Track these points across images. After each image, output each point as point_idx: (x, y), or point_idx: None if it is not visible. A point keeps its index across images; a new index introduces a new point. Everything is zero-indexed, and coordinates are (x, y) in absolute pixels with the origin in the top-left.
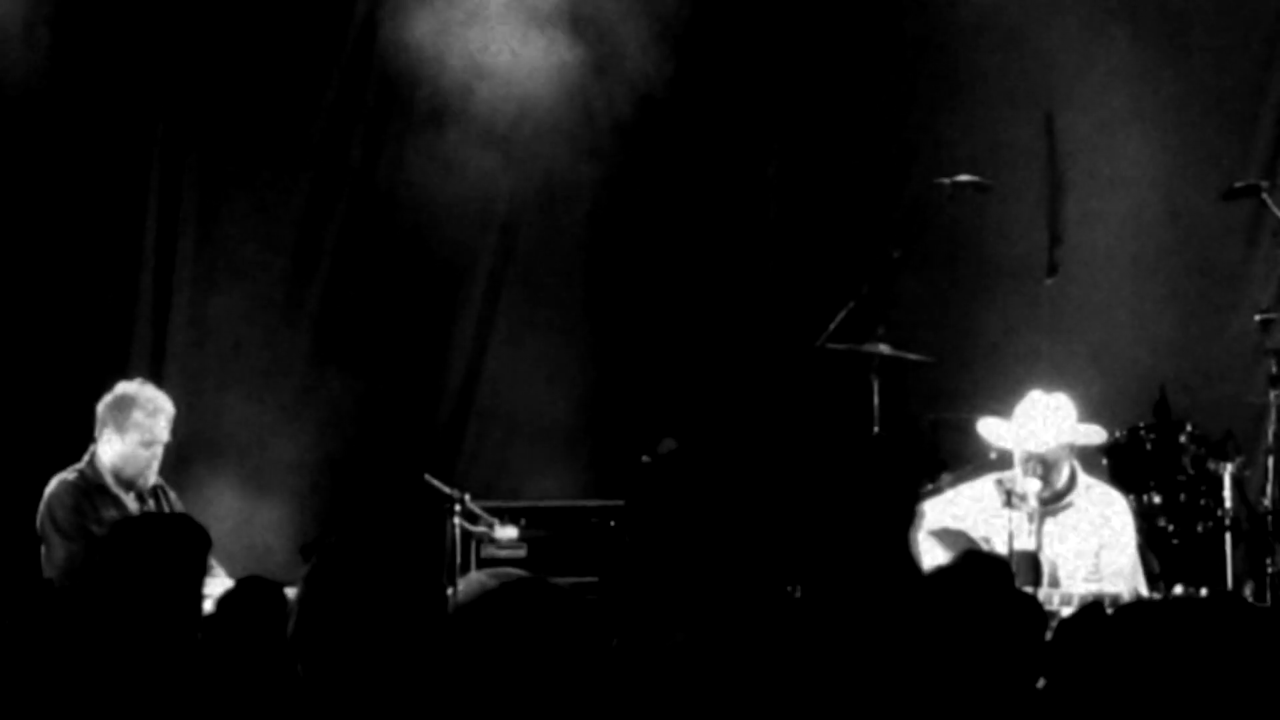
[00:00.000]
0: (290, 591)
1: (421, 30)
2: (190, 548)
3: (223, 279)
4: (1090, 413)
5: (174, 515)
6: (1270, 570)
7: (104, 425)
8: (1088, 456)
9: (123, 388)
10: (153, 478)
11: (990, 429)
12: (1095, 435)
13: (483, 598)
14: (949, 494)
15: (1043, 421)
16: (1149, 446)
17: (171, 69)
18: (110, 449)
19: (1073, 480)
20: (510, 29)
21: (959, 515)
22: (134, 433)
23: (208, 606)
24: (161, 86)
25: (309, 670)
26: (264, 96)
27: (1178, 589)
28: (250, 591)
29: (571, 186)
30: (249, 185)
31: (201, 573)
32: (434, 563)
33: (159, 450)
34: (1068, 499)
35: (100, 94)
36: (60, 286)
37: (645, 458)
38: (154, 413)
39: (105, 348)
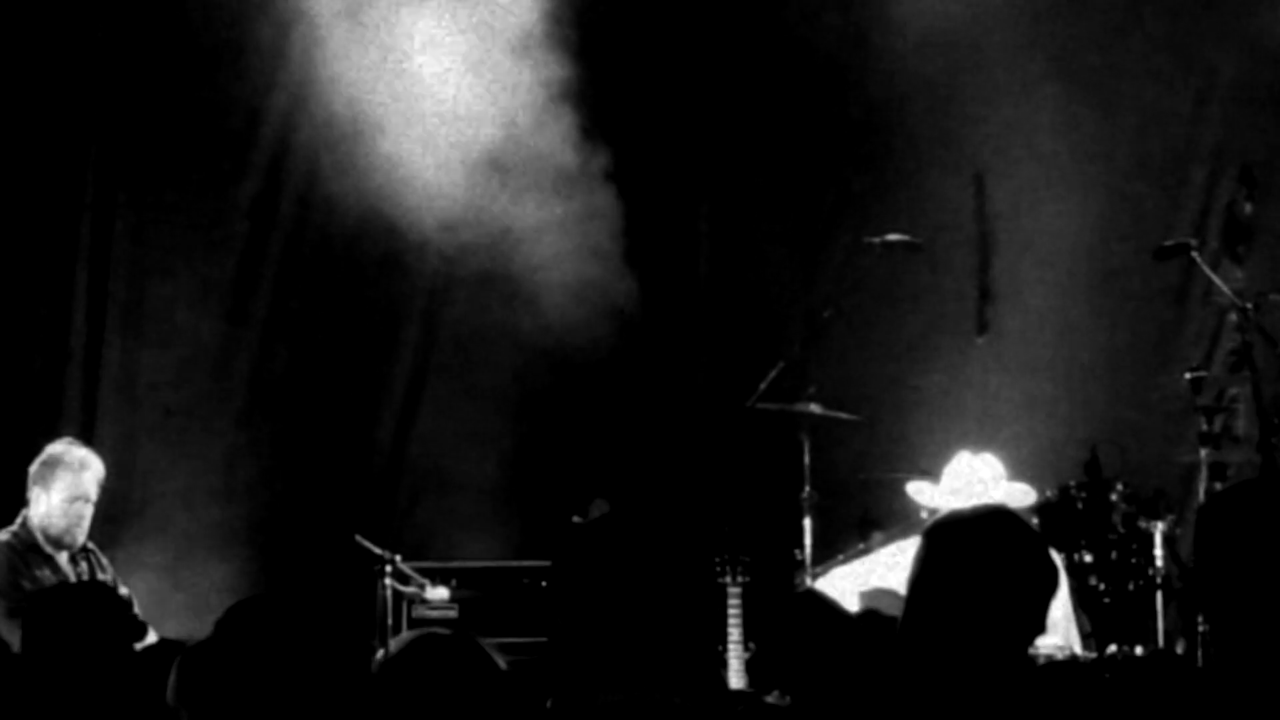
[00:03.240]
0: None
1: (349, 94)
2: (107, 615)
3: (153, 340)
4: (1021, 471)
5: (90, 583)
6: (1201, 629)
7: (34, 485)
8: (1018, 515)
9: (51, 448)
10: (82, 536)
11: (919, 491)
12: (1025, 495)
13: (409, 655)
14: (880, 553)
15: (972, 482)
16: (1080, 505)
17: (101, 126)
18: (39, 508)
19: None
20: (444, 89)
21: (890, 574)
22: (61, 490)
23: None
24: (91, 145)
25: None
26: (194, 156)
27: (1111, 648)
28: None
29: (502, 247)
30: (179, 245)
31: (121, 638)
32: (363, 624)
33: (87, 508)
34: None
35: (29, 152)
36: None
37: (576, 519)
38: (80, 469)
39: (35, 410)
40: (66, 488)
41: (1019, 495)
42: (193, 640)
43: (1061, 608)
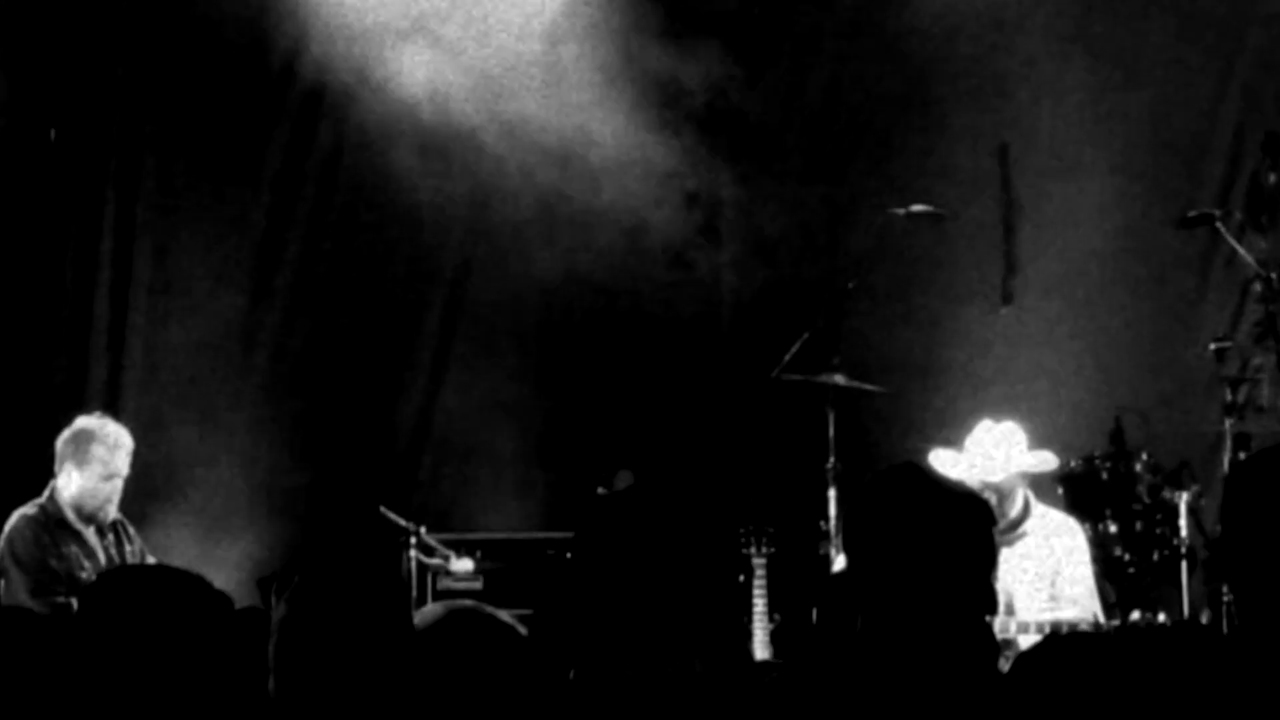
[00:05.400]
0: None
1: (373, 64)
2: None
3: (177, 313)
4: (1046, 442)
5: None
6: (1226, 599)
7: (64, 460)
8: (1043, 485)
9: (82, 422)
10: (113, 512)
11: (942, 460)
12: (1047, 462)
13: (435, 630)
14: None
15: (994, 450)
16: (1104, 475)
17: (125, 101)
18: (71, 483)
19: (1027, 509)
20: (465, 64)
21: None
22: (94, 466)
23: None
24: (115, 119)
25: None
26: (218, 130)
27: (1135, 615)
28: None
29: (524, 219)
30: (203, 218)
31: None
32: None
33: (119, 484)
34: (1022, 528)
35: (54, 127)
36: (14, 321)
37: (601, 490)
38: (114, 447)
39: (60, 382)
40: (101, 465)
41: (1041, 463)
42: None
43: (1085, 578)
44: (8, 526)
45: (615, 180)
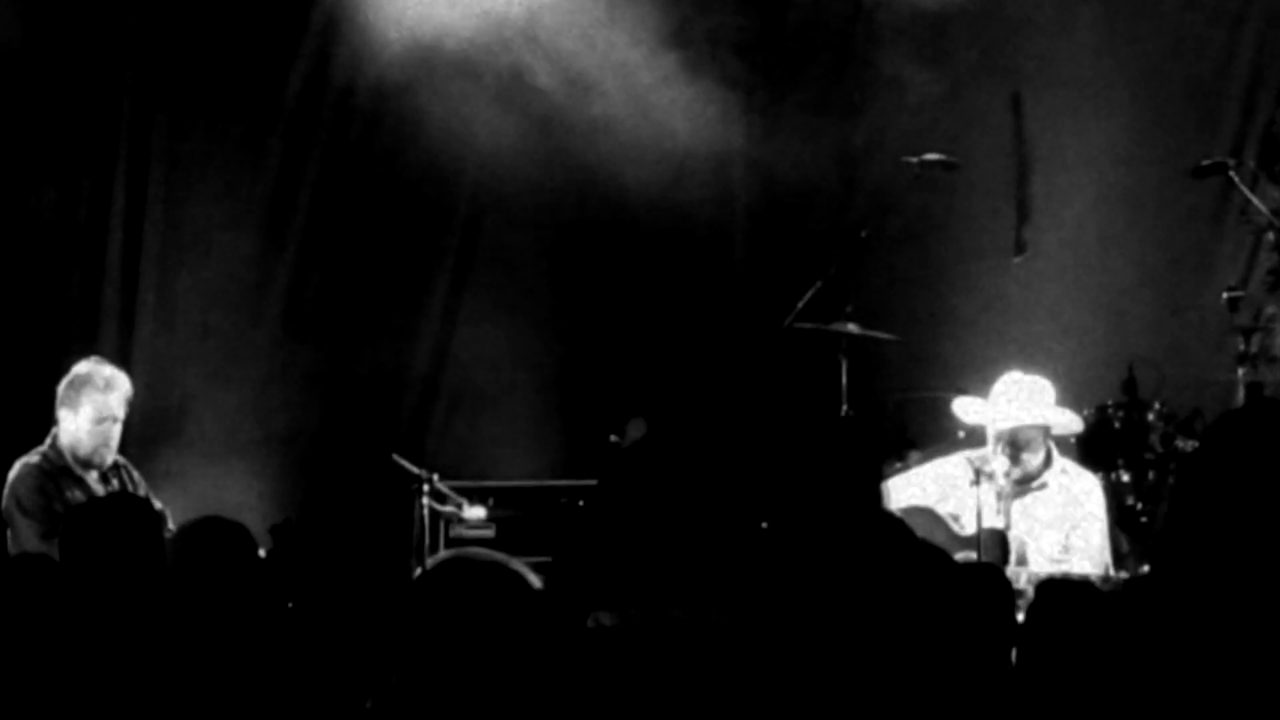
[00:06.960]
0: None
1: (388, 9)
2: (145, 527)
3: (190, 261)
4: (1059, 391)
5: (123, 495)
6: None
7: (61, 405)
8: (1059, 435)
9: (77, 368)
10: (110, 456)
11: (965, 407)
12: (1072, 423)
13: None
14: (917, 471)
15: (1017, 400)
16: (1117, 425)
17: (139, 46)
18: (66, 428)
19: (1048, 461)
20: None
21: (927, 492)
22: (87, 409)
23: None
24: (128, 66)
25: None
26: (232, 76)
27: (1146, 567)
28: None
29: (538, 166)
30: (216, 166)
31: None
32: (400, 542)
33: (115, 428)
34: (1041, 479)
35: (67, 71)
36: (26, 268)
37: (614, 438)
38: (106, 389)
39: (72, 330)
40: (93, 408)
41: (1066, 422)
42: None
43: (1100, 534)
44: (11, 475)
45: (628, 127)
